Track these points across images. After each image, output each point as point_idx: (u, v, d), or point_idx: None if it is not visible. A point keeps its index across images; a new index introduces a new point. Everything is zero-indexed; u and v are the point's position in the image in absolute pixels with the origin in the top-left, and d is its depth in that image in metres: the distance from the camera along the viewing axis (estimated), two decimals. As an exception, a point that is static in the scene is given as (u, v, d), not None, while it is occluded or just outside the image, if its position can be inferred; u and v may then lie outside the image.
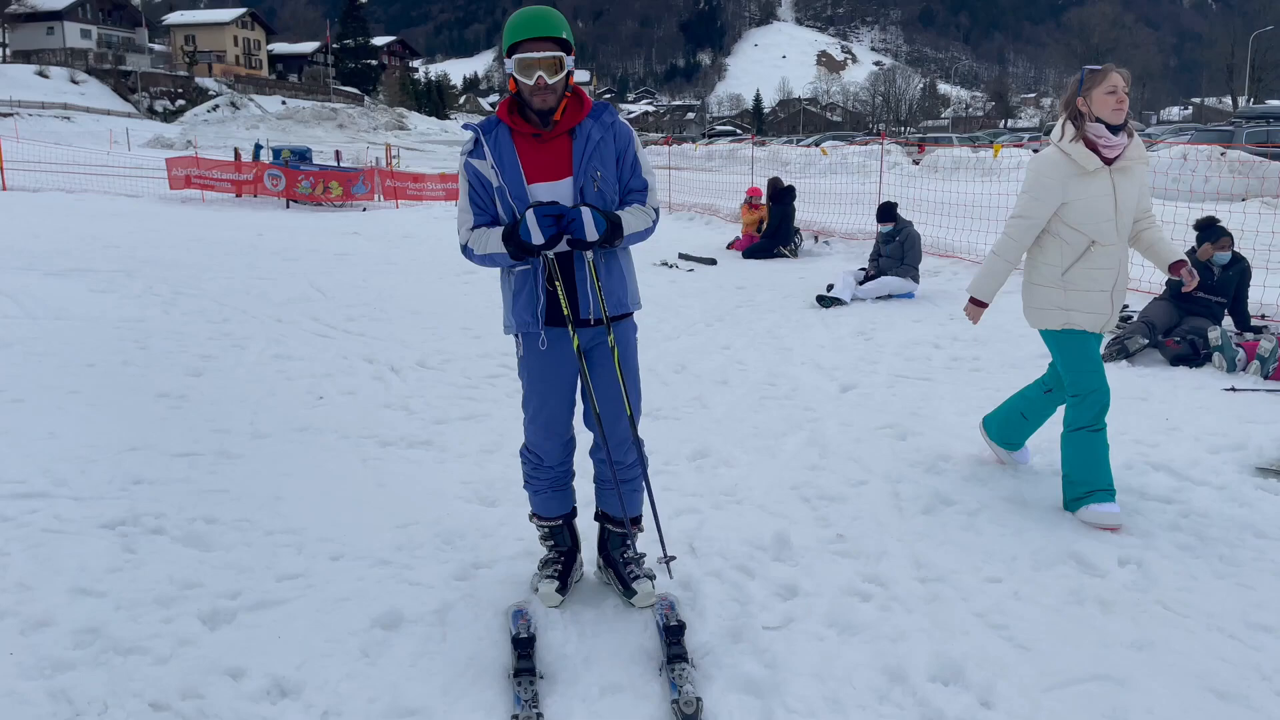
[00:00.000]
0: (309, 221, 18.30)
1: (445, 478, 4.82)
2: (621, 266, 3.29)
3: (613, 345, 3.23)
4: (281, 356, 7.38)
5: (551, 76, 3.03)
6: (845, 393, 6.32)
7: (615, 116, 3.23)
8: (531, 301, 3.22)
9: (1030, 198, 4.14)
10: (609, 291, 3.23)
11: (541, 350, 3.26)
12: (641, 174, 3.24)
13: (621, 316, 3.31)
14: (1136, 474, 4.60)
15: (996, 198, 12.65)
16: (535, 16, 3.05)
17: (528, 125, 3.15)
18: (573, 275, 3.18)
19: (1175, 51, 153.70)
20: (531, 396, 3.37)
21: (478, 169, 3.19)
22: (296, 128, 68.65)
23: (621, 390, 3.28)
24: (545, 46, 3.03)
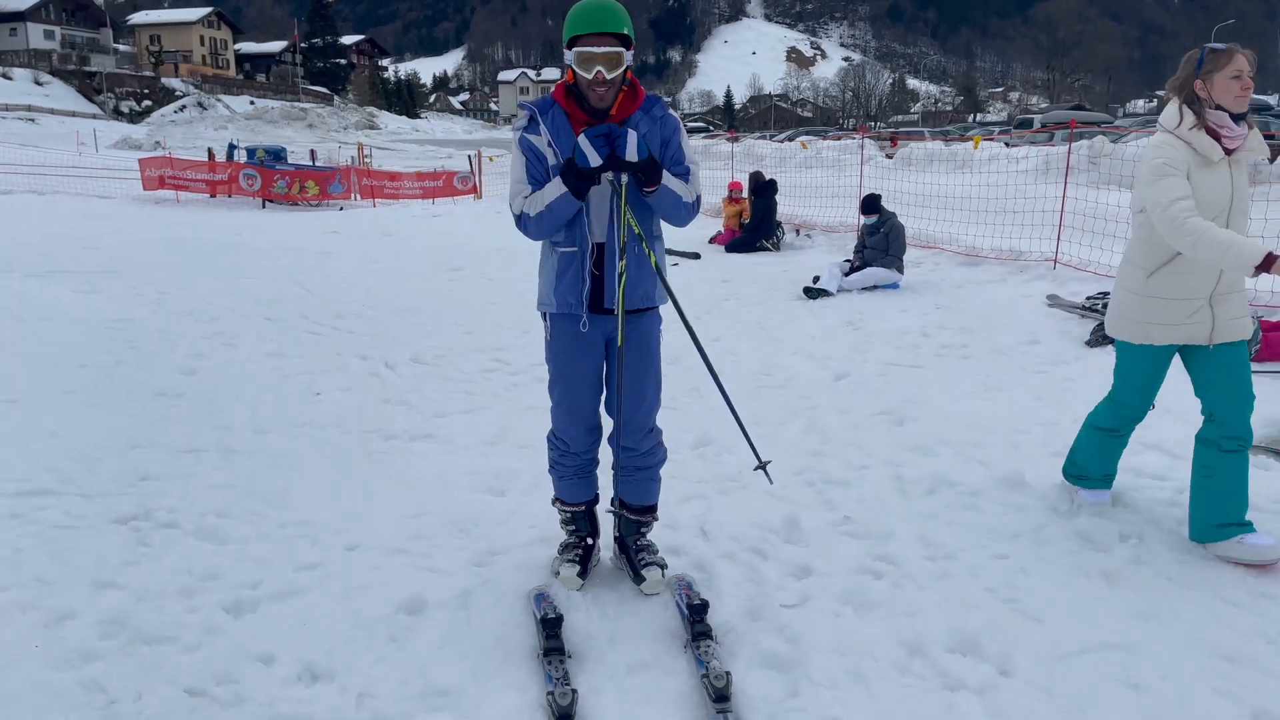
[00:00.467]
0: (287, 221, 18.21)
1: (451, 469, 4.86)
2: (656, 261, 3.33)
3: (620, 343, 3.26)
4: (275, 354, 7.37)
5: (610, 72, 3.06)
6: (839, 381, 6.42)
7: (665, 110, 3.27)
8: (577, 284, 3.26)
9: (1157, 177, 3.53)
10: (636, 284, 3.27)
11: (579, 333, 3.30)
12: (684, 161, 3.27)
13: (647, 309, 3.35)
14: (1131, 454, 4.68)
15: (972, 189, 12.82)
16: (597, 10, 3.06)
17: (583, 114, 3.18)
18: (603, 267, 3.23)
19: (1139, 44, 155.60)
20: (558, 381, 3.42)
21: (534, 144, 3.23)
22: (266, 128, 68.10)
23: (640, 380, 3.34)
24: (606, 41, 3.05)
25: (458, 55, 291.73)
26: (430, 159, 44.18)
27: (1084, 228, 10.31)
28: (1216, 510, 3.60)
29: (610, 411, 3.47)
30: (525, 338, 8.00)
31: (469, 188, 22.90)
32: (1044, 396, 5.78)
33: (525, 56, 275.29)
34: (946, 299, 9.06)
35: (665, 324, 3.53)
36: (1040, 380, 6.18)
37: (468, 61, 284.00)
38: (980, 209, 11.96)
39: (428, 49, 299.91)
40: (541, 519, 4.09)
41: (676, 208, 3.22)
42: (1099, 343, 6.88)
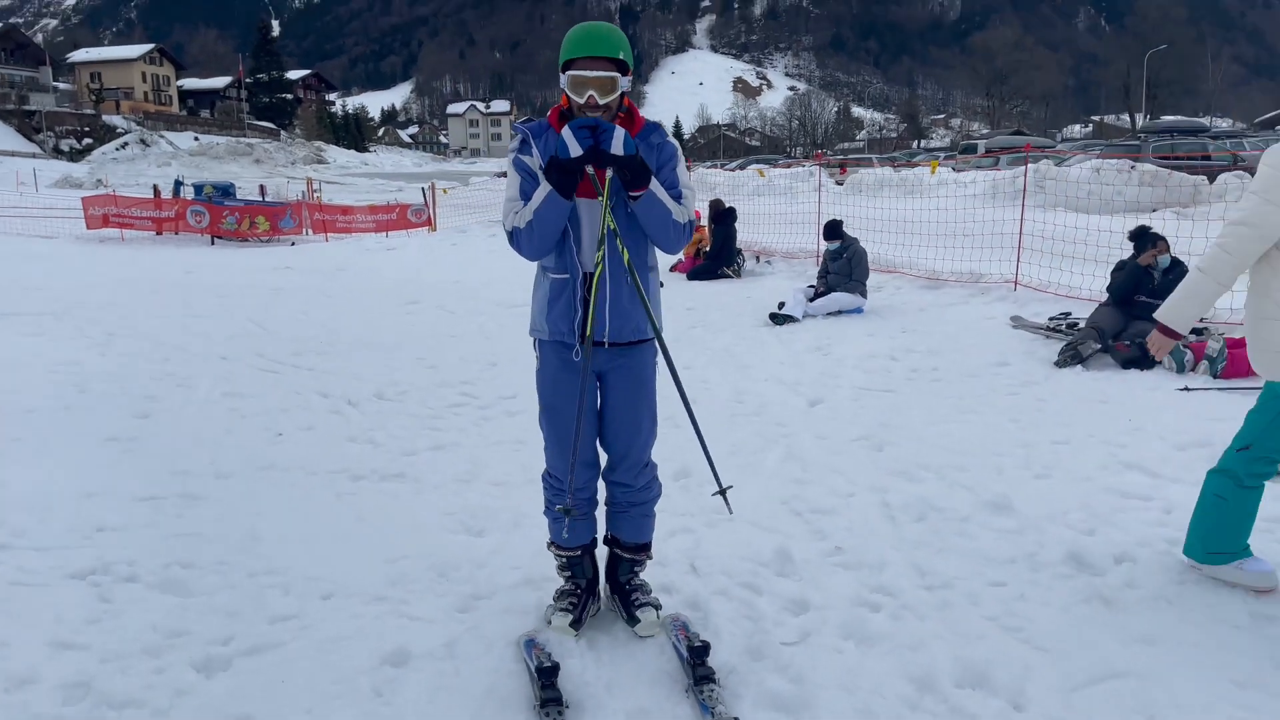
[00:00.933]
0: (237, 257, 17.86)
1: (426, 509, 4.70)
2: (646, 291, 3.22)
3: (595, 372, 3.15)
4: (231, 394, 7.14)
5: (604, 97, 2.98)
6: (813, 407, 6.36)
7: (664, 137, 3.19)
8: (569, 312, 3.15)
9: (1262, 200, 3.22)
10: (627, 316, 3.16)
11: (571, 362, 3.18)
12: (678, 185, 3.17)
13: (640, 341, 3.25)
14: (1112, 473, 4.70)
15: (925, 213, 12.93)
16: (593, 34, 2.99)
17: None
18: (593, 296, 3.11)
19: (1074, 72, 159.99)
20: (548, 411, 3.29)
21: (528, 164, 3.14)
22: (211, 163, 67.11)
23: (635, 413, 3.23)
24: (601, 66, 2.96)
25: (405, 89, 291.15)
26: (381, 192, 43.79)
27: (1040, 249, 10.45)
28: (1220, 538, 3.51)
29: (603, 445, 3.35)
30: (491, 370, 7.85)
31: (423, 220, 22.68)
32: (1019, 418, 5.77)
33: (474, 89, 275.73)
34: (911, 322, 9.08)
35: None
36: (1013, 402, 6.17)
37: (416, 95, 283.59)
38: (935, 233, 12.08)
39: (375, 83, 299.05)
40: (525, 559, 3.96)
41: (664, 224, 3.10)
42: (1067, 363, 6.91)
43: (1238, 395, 5.97)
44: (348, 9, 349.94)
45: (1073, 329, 7.88)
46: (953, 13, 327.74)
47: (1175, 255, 7.41)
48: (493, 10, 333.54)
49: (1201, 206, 18.81)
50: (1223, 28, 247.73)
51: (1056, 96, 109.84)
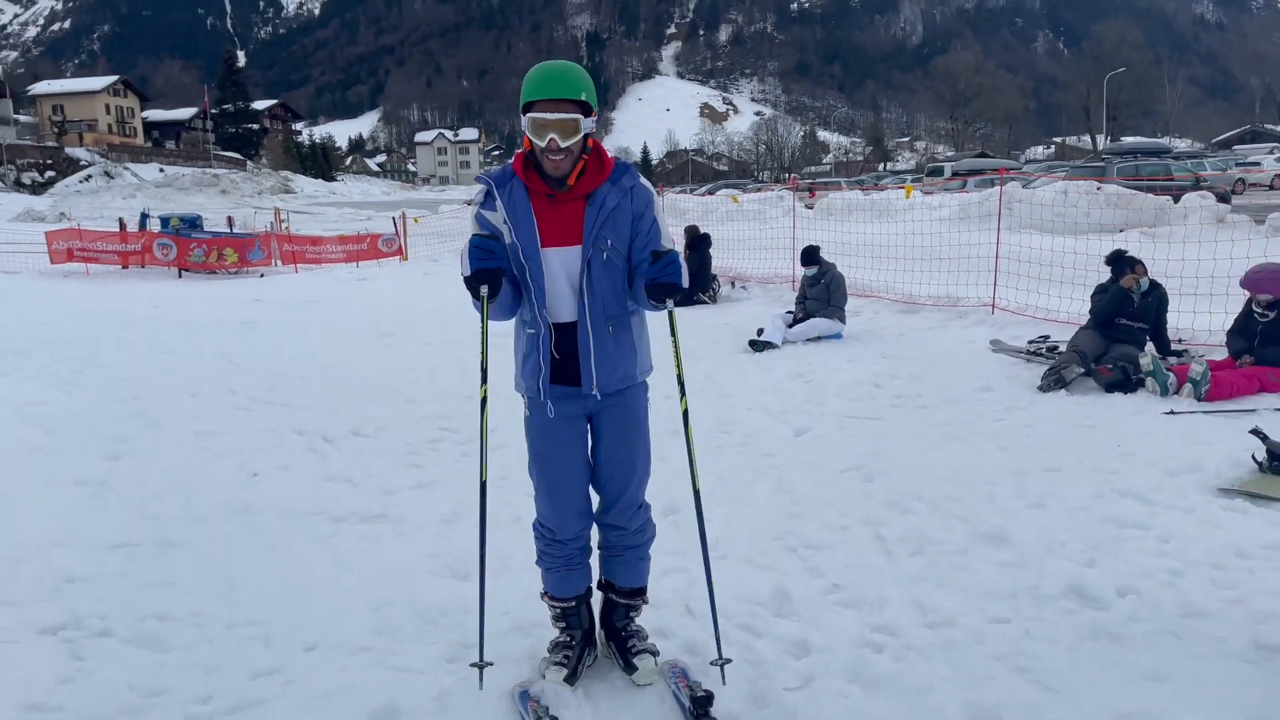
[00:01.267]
0: (206, 290, 17.62)
1: (410, 552, 4.56)
2: (633, 338, 3.14)
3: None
4: (204, 433, 6.97)
5: (565, 140, 2.87)
6: (800, 436, 6.29)
7: (636, 179, 3.08)
8: (536, 369, 3.07)
9: None
10: (614, 365, 3.08)
11: (549, 416, 3.09)
12: (660, 240, 3.08)
13: (629, 386, 3.16)
14: (1107, 502, 4.65)
15: (896, 236, 12.98)
16: (553, 74, 2.89)
17: (543, 184, 2.99)
18: (575, 348, 3.03)
19: (1034, 95, 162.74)
20: (537, 460, 3.19)
21: (490, 220, 3.04)
22: (177, 195, 66.51)
23: (629, 453, 3.14)
24: (562, 108, 2.86)
25: (373, 117, 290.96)
26: (350, 222, 43.57)
27: (1015, 272, 10.49)
28: None
29: (595, 487, 3.25)
30: (470, 404, 7.72)
31: (394, 250, 22.53)
32: (1008, 445, 5.73)
33: (441, 117, 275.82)
34: (891, 347, 9.06)
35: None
36: (1000, 428, 6.14)
37: (383, 123, 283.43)
38: (907, 256, 12.11)
39: (342, 112, 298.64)
40: (515, 604, 3.84)
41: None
42: (1050, 388, 6.89)
43: (1222, 418, 5.97)
44: (313, 39, 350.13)
45: (1053, 352, 7.88)
46: (914, 38, 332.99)
47: (1153, 277, 7.43)
48: (459, 39, 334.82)
49: (1167, 228, 19.09)
50: (1177, 50, 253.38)
51: (1018, 119, 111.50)
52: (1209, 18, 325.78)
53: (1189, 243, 9.86)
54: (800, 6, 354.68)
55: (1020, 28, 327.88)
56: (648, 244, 3.05)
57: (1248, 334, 6.73)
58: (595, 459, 3.20)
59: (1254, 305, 6.70)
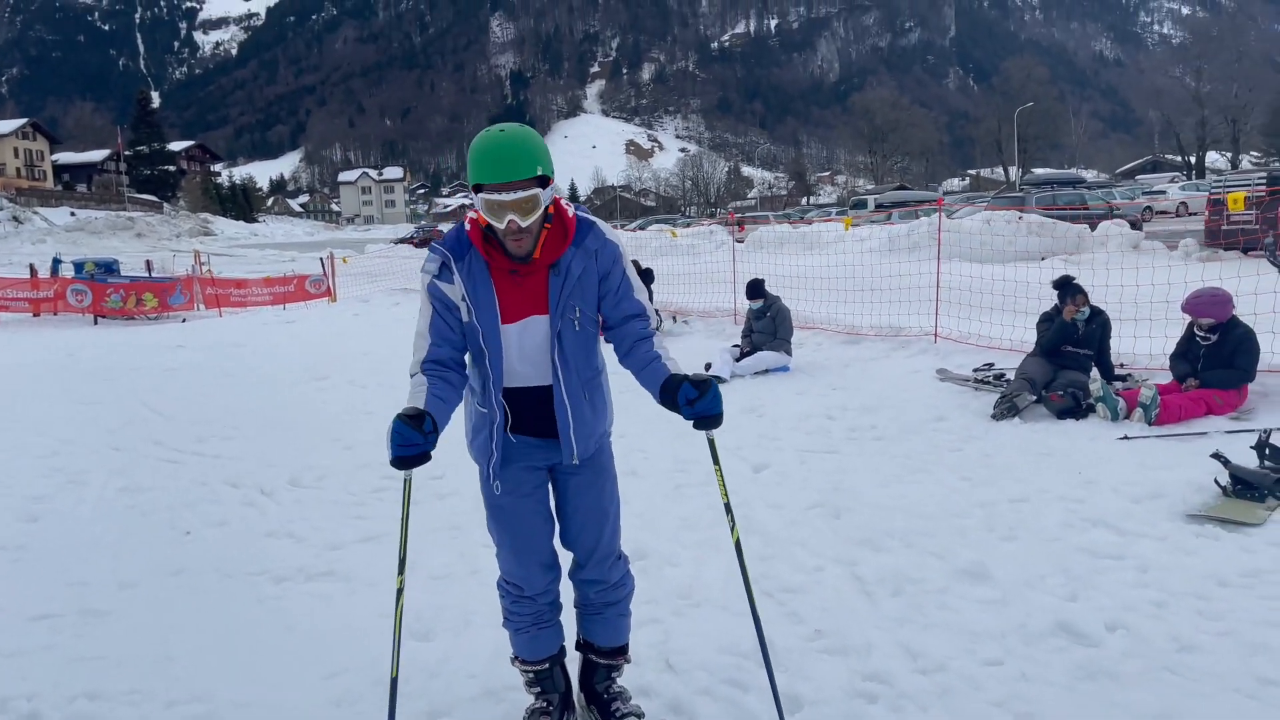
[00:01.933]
0: (124, 337, 16.93)
1: (362, 612, 4.28)
2: (604, 395, 2.99)
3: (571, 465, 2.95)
4: (129, 490, 6.57)
5: (525, 218, 2.64)
6: (759, 473, 6.16)
7: (602, 239, 2.86)
8: (486, 452, 2.91)
9: None
10: (590, 430, 2.92)
11: (525, 461, 2.92)
12: (633, 296, 2.91)
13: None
14: (1078, 532, 4.59)
15: (827, 269, 13.04)
16: (500, 155, 2.58)
17: (504, 259, 2.76)
18: (551, 412, 2.85)
19: (948, 129, 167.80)
20: (495, 515, 2.99)
21: (446, 293, 2.82)
22: (89, 239, 64.45)
23: (599, 501, 2.97)
24: (517, 187, 2.61)
25: (294, 157, 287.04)
26: (274, 263, 42.61)
27: (952, 300, 10.59)
28: None
29: (565, 543, 3.05)
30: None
31: (323, 291, 22.00)
32: (970, 476, 5.67)
33: (365, 156, 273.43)
34: (838, 379, 9.02)
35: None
36: (959, 459, 6.08)
37: (305, 163, 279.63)
38: (843, 287, 12.18)
39: (262, 152, 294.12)
40: (481, 666, 3.60)
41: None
42: (1003, 416, 6.88)
43: (1175, 442, 6.01)
44: (231, 79, 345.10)
45: (1000, 380, 7.91)
46: (832, 75, 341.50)
47: (1095, 304, 7.51)
48: (381, 78, 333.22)
49: (1087, 254, 19.64)
50: (1079, 85, 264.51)
51: (934, 152, 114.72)
52: (1108, 54, 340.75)
53: (1111, 269, 10.07)
54: (720, 45, 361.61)
55: (932, 65, 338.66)
56: (619, 301, 2.89)
57: (1190, 357, 6.83)
58: (562, 514, 3.01)
59: (1195, 329, 6.80)
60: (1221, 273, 8.84)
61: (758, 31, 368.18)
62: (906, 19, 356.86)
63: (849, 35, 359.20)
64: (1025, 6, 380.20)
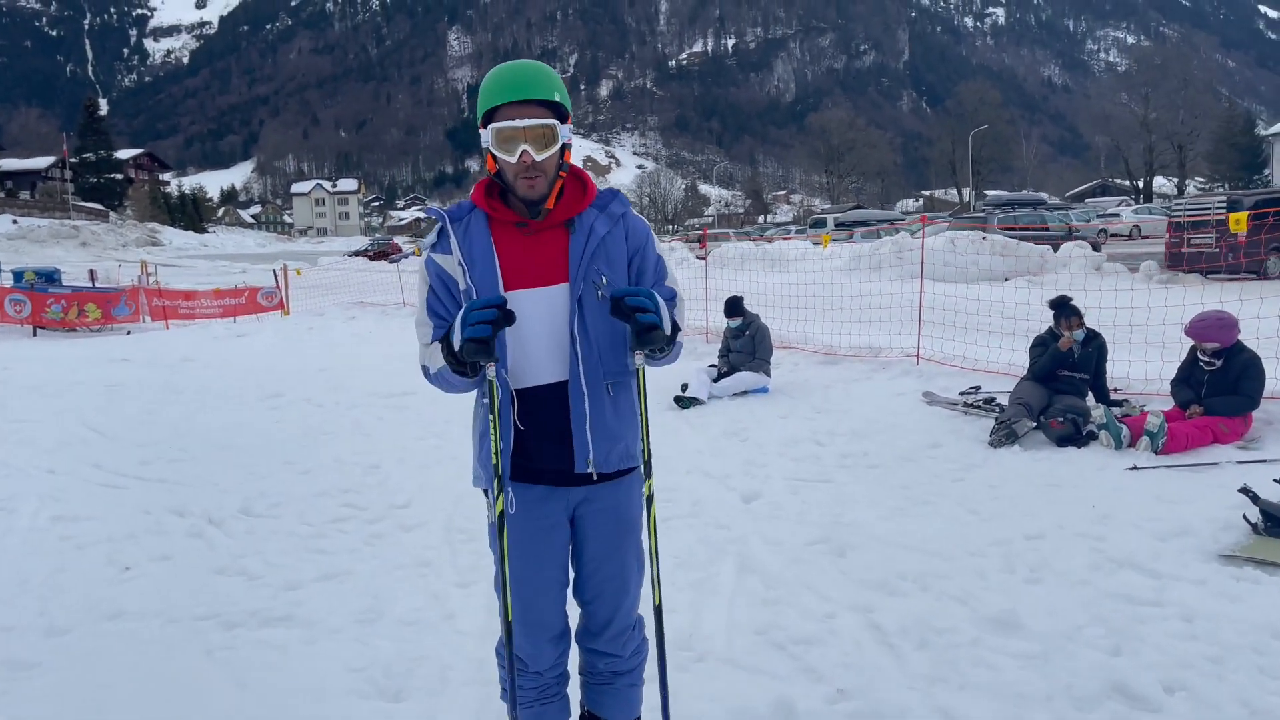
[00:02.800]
0: (64, 350, 16.13)
1: (324, 665, 3.81)
2: (634, 403, 2.53)
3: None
4: (64, 518, 6.01)
5: (541, 152, 2.30)
6: (750, 504, 5.77)
7: (626, 207, 2.50)
8: (488, 450, 2.43)
9: None
10: (614, 437, 2.46)
11: (529, 514, 2.46)
12: (666, 281, 2.51)
13: (627, 470, 2.56)
14: (1106, 574, 4.26)
15: (794, 287, 12.76)
16: (519, 74, 2.31)
17: (511, 212, 2.39)
18: (566, 412, 2.40)
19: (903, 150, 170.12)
20: (503, 567, 2.55)
21: (441, 266, 2.42)
22: (31, 248, 62.52)
23: (622, 566, 2.54)
24: (533, 112, 2.29)
25: (246, 168, 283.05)
26: (224, 274, 41.57)
27: (933, 320, 10.35)
28: None
29: (577, 598, 2.63)
30: (375, 474, 6.96)
31: (275, 304, 21.29)
32: (978, 509, 5.33)
33: (319, 168, 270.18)
34: (821, 401, 8.68)
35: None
36: (963, 490, 5.74)
37: (257, 174, 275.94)
38: (812, 306, 11.90)
39: (213, 162, 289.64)
40: (464, 732, 3.16)
41: (675, 356, 2.50)
42: (1002, 443, 6.57)
43: (1187, 473, 5.73)
44: (182, 87, 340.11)
45: (990, 404, 7.62)
46: (788, 95, 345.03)
47: (1090, 327, 7.26)
48: (336, 90, 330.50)
49: (1052, 276, 19.63)
50: (1029, 110, 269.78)
51: (889, 172, 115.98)
52: (1056, 80, 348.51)
53: (1076, 290, 9.91)
54: (678, 64, 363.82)
55: (886, 87, 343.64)
56: (655, 284, 2.48)
57: (1193, 383, 6.58)
58: (578, 570, 2.57)
59: (1199, 354, 6.56)
60: (1203, 297, 8.66)
61: (715, 51, 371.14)
62: (861, 42, 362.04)
63: (805, 56, 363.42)
64: (977, 32, 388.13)
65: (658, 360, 2.41)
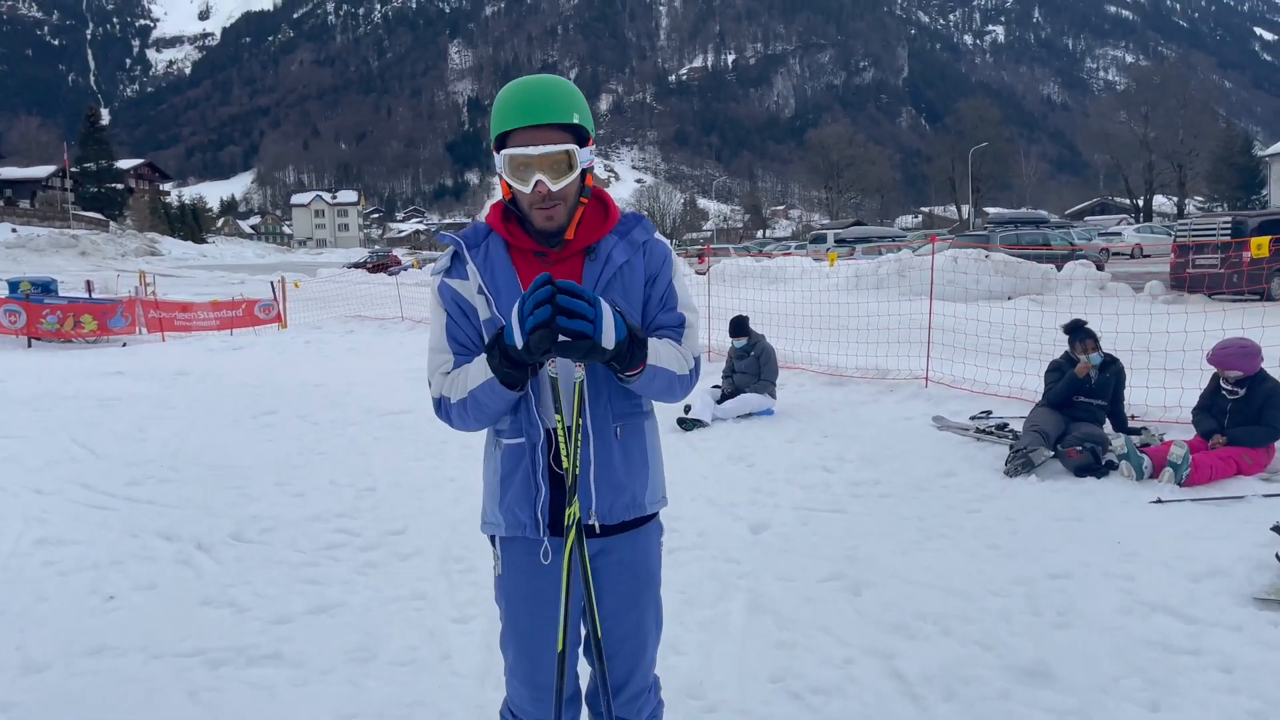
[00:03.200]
0: (59, 362, 15.92)
1: (314, 710, 3.60)
2: (645, 447, 2.33)
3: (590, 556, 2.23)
4: (47, 542, 5.80)
5: (558, 181, 2.11)
6: (758, 534, 5.56)
7: (650, 233, 2.31)
8: (529, 491, 2.23)
9: None
10: (619, 486, 2.26)
11: (542, 566, 2.26)
12: (676, 306, 2.30)
13: (643, 520, 2.36)
14: (1139, 619, 4.05)
15: (797, 305, 12.56)
16: (533, 95, 2.11)
17: (529, 239, 2.21)
18: (575, 459, 2.17)
19: (902, 167, 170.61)
20: (514, 635, 2.34)
21: (458, 293, 2.23)
22: (30, 257, 62.40)
23: (639, 624, 2.34)
24: (549, 137, 2.10)
25: (246, 179, 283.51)
26: (222, 285, 41.37)
27: (942, 342, 10.17)
28: None
29: (587, 656, 2.42)
30: (370, 498, 6.75)
31: (273, 317, 21.09)
32: (997, 544, 5.12)
33: (319, 179, 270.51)
34: (828, 424, 8.47)
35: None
36: (980, 522, 5.53)
37: (257, 185, 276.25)
38: (818, 325, 11.72)
39: (214, 173, 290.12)
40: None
41: (668, 388, 2.22)
42: (1018, 472, 6.37)
43: (1213, 507, 5.53)
44: (184, 98, 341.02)
45: (1004, 430, 7.43)
46: (787, 111, 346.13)
47: (1107, 351, 7.07)
48: (337, 102, 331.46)
49: (1054, 295, 19.47)
50: (1028, 128, 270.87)
51: (888, 189, 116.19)
52: (1055, 98, 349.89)
53: (1081, 311, 9.71)
54: (678, 79, 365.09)
55: (885, 104, 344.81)
56: (660, 311, 2.28)
57: (1216, 412, 6.38)
58: (592, 627, 2.36)
59: (1221, 382, 6.37)
60: (1224, 323, 8.48)
61: (715, 66, 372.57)
62: (861, 59, 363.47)
63: (804, 72, 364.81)
64: (976, 50, 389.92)
65: (629, 381, 2.13)
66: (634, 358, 2.05)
